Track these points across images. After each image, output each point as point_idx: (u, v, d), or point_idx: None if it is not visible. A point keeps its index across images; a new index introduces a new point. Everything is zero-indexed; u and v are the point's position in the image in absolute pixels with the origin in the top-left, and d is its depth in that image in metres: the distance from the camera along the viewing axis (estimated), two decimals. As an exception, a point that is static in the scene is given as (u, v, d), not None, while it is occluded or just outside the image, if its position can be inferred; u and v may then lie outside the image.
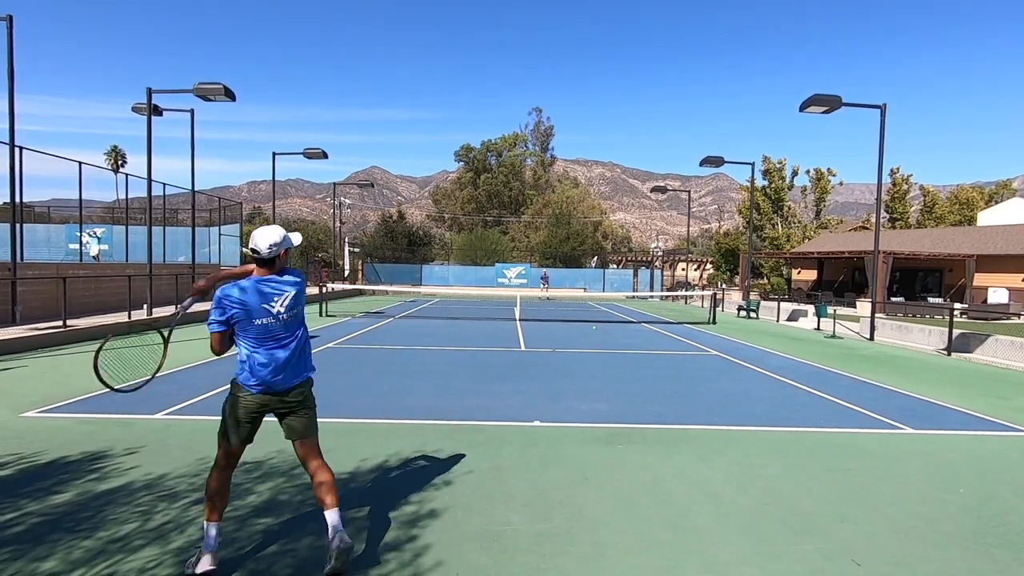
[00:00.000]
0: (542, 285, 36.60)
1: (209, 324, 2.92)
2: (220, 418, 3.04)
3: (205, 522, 2.95)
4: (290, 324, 3.00)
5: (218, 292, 2.92)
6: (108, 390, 3.13)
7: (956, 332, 12.76)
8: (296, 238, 3.12)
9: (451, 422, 5.90)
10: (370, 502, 3.91)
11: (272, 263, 2.96)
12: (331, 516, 2.99)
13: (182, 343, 11.35)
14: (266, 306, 2.90)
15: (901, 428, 6.27)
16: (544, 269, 40.25)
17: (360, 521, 3.60)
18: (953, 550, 3.46)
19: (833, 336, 15.58)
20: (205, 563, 2.86)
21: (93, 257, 18.76)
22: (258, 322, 2.89)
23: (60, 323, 11.76)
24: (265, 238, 2.90)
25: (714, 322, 18.82)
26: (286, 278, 3.00)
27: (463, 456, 4.88)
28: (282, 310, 2.93)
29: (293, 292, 2.99)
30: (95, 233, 19.48)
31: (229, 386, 3.07)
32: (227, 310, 2.87)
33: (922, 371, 10.18)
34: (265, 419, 3.12)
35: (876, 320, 15.35)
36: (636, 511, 3.90)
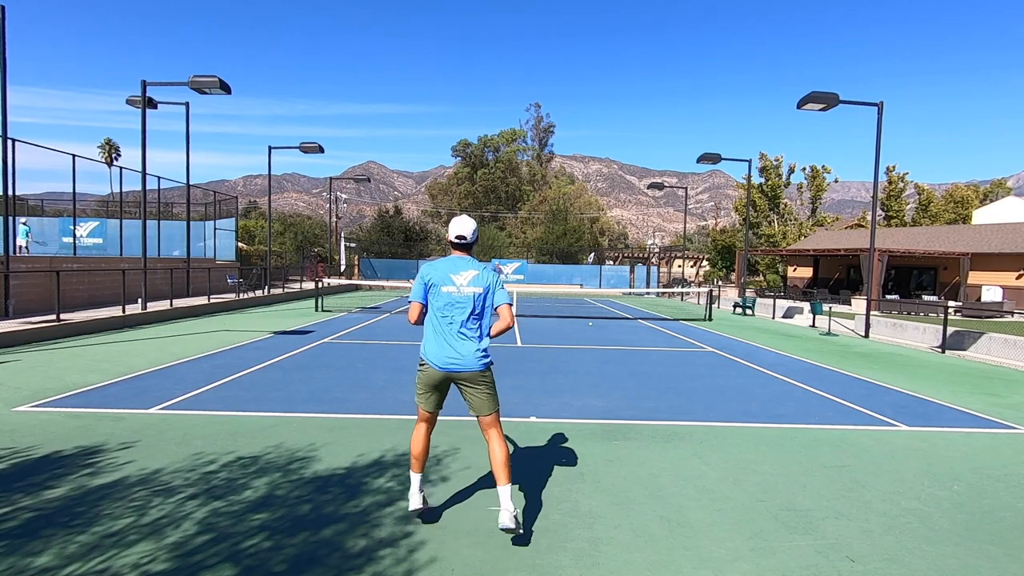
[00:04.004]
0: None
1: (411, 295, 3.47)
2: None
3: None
4: (472, 305, 3.35)
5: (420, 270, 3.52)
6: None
7: (950, 330, 12.82)
8: None
9: (446, 417, 5.87)
10: (365, 497, 3.90)
11: (470, 248, 3.50)
12: (500, 492, 3.34)
13: (175, 338, 11.31)
14: (453, 276, 3.37)
15: (895, 425, 6.30)
16: (496, 261, 39.84)
17: (355, 516, 3.60)
18: (946, 546, 3.48)
19: (828, 333, 15.63)
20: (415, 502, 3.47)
21: (20, 248, 17.81)
22: (444, 289, 3.35)
23: (54, 317, 11.70)
24: (468, 226, 3.45)
25: (710, 319, 18.86)
26: (474, 260, 3.49)
27: (458, 451, 4.88)
28: (465, 283, 3.36)
29: (478, 272, 3.40)
30: (24, 223, 18.52)
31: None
32: (424, 277, 3.42)
33: (916, 368, 10.23)
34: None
35: (871, 317, 15.41)
36: (631, 507, 3.91)
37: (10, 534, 3.27)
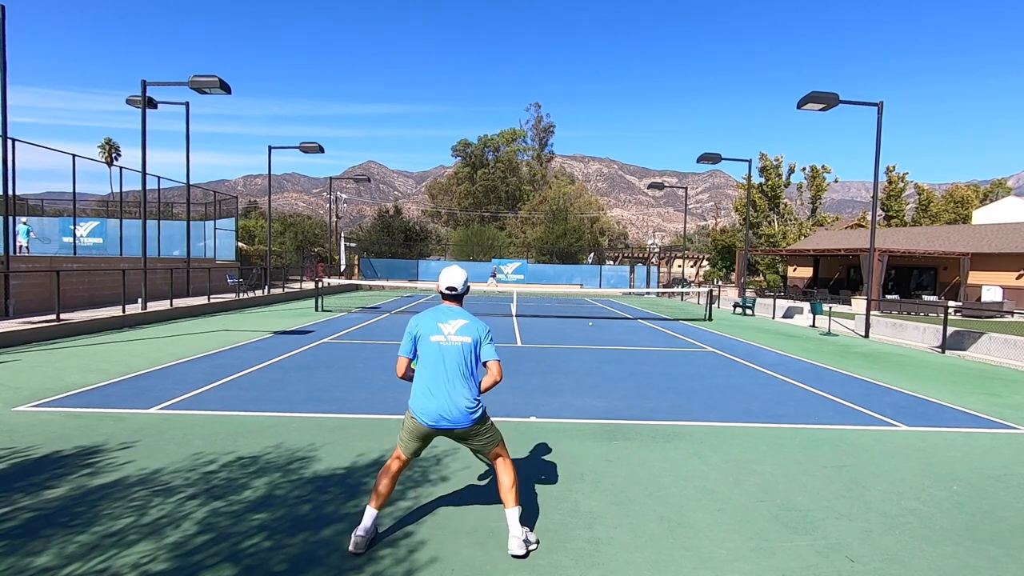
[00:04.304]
0: (490, 281, 36.54)
1: (401, 349, 3.36)
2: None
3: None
4: (461, 355, 3.24)
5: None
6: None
7: (950, 330, 12.82)
8: None
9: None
10: (365, 497, 3.90)
11: (460, 299, 3.45)
12: (507, 515, 3.29)
13: (175, 337, 11.31)
14: (441, 324, 3.29)
15: (895, 425, 6.30)
16: (496, 262, 40.32)
17: (355, 516, 3.60)
18: (946, 546, 3.48)
19: (828, 333, 15.63)
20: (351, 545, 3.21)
21: (20, 248, 17.55)
22: (432, 339, 3.26)
23: (53, 317, 11.70)
24: (459, 277, 3.41)
25: (710, 319, 18.86)
26: (465, 311, 3.40)
27: (458, 451, 4.88)
28: (452, 332, 3.27)
29: (467, 322, 3.31)
30: (24, 223, 18.35)
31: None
32: (412, 329, 3.33)
33: (916, 368, 10.23)
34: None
35: (871, 317, 15.41)
36: (631, 507, 3.91)
37: (10, 534, 3.27)
